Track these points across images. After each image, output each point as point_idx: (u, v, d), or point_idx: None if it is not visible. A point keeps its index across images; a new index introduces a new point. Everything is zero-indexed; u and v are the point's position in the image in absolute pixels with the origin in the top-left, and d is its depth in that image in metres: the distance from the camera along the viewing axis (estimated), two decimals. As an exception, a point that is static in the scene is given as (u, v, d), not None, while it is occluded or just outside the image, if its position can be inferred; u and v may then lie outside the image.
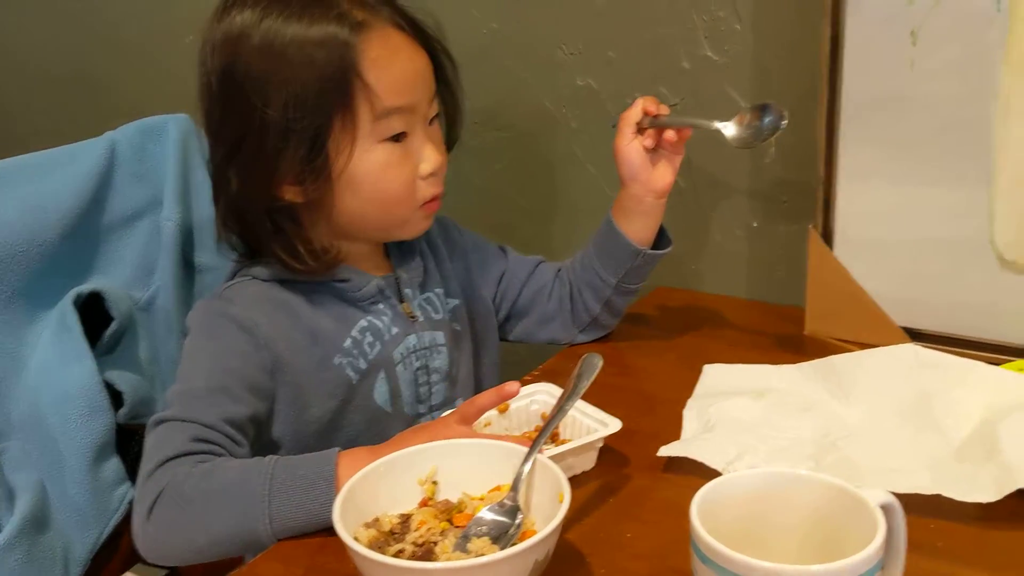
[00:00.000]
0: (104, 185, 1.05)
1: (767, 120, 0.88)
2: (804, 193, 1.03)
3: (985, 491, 0.69)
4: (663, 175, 0.94)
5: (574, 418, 0.81)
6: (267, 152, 0.83)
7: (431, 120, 0.90)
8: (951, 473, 0.73)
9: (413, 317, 0.93)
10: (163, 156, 1.10)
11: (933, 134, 0.90)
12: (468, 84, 0.94)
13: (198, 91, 0.88)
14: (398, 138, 0.86)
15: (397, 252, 0.95)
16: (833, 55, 0.93)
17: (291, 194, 0.86)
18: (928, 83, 0.89)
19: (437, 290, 0.97)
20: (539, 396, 0.86)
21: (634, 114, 0.93)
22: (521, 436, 0.83)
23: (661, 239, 0.99)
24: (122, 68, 1.65)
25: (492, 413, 0.83)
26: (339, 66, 0.82)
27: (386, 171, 0.86)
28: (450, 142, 0.95)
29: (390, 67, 0.84)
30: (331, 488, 0.73)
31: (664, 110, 0.94)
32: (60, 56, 1.73)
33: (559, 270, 1.03)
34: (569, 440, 0.79)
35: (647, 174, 0.94)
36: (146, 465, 0.77)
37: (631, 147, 0.93)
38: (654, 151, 0.94)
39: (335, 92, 0.82)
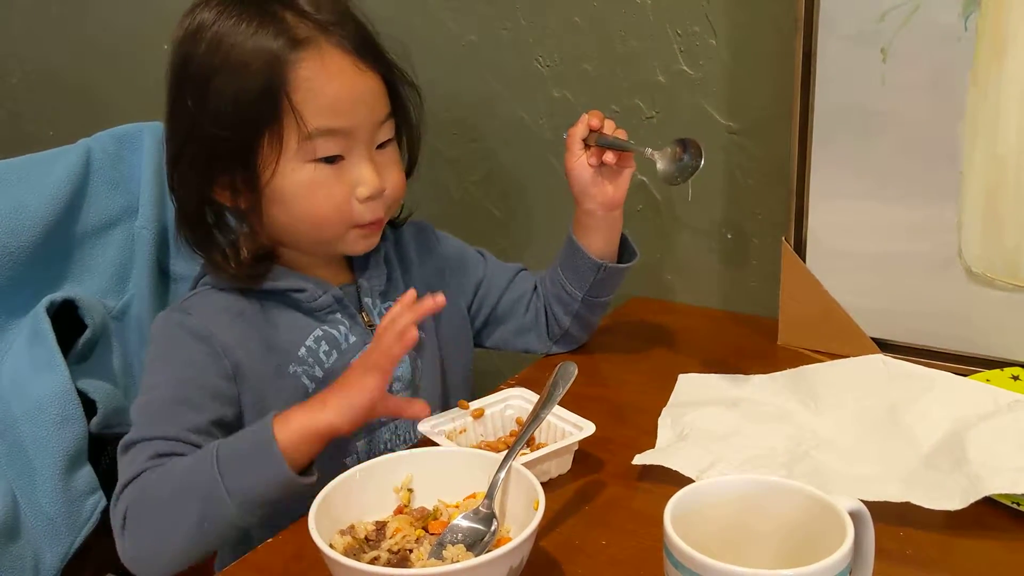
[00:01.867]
0: (79, 192, 1.05)
1: (687, 158, 0.88)
2: (777, 205, 1.04)
3: (952, 499, 0.70)
4: (613, 190, 0.95)
5: (549, 422, 0.82)
6: (201, 157, 0.85)
7: (383, 144, 0.88)
8: (919, 481, 0.74)
9: (372, 326, 0.92)
10: (138, 164, 1.10)
11: (903, 149, 0.92)
12: (445, 95, 0.94)
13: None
14: (332, 160, 0.84)
15: (360, 260, 0.94)
16: (806, 70, 0.94)
17: (224, 198, 0.87)
18: (898, 99, 0.91)
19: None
20: (514, 401, 0.86)
21: (580, 131, 0.94)
22: (497, 441, 0.83)
23: (627, 251, 1.00)
24: (98, 75, 1.64)
25: (467, 419, 0.83)
26: (269, 82, 0.81)
27: (313, 190, 0.84)
28: (409, 167, 0.94)
29: (323, 89, 0.83)
30: (273, 448, 0.74)
31: (610, 125, 0.94)
32: (39, 61, 1.72)
33: (536, 281, 1.04)
34: (545, 444, 0.79)
35: (596, 189, 0.95)
36: (117, 491, 0.78)
37: (579, 164, 0.94)
38: (602, 166, 0.94)
39: (263, 108, 0.82)
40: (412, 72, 0.92)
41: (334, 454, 0.89)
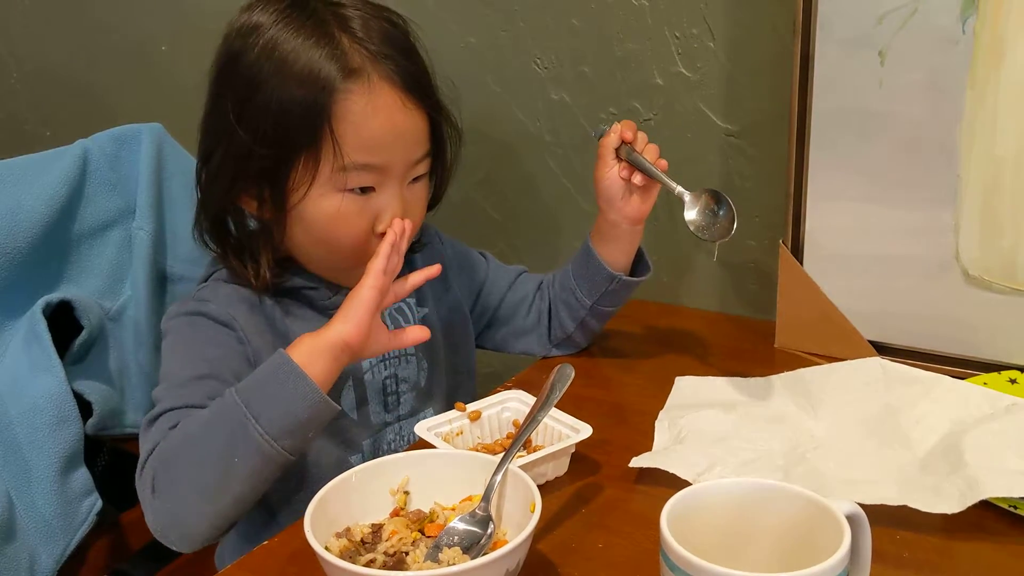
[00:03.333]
0: (76, 193, 1.05)
1: (721, 213, 0.86)
2: (775, 209, 1.04)
3: (950, 502, 0.70)
4: (639, 204, 0.94)
5: (546, 424, 0.82)
6: (232, 163, 0.84)
7: (416, 178, 0.88)
8: (917, 485, 0.74)
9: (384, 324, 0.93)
10: (136, 165, 1.10)
11: (901, 152, 0.92)
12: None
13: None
14: (364, 191, 0.84)
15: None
16: (803, 72, 0.94)
17: (250, 207, 0.87)
18: (896, 102, 0.91)
19: (408, 300, 0.97)
20: (511, 404, 0.86)
21: (613, 140, 0.92)
22: (494, 444, 0.83)
23: (640, 264, 1.00)
24: (97, 76, 1.64)
25: (464, 421, 0.83)
26: (314, 108, 0.81)
27: (337, 220, 0.84)
28: (433, 201, 0.94)
29: (366, 124, 0.82)
30: (294, 370, 0.75)
31: (642, 139, 0.93)
32: (37, 62, 1.72)
33: (541, 283, 1.04)
34: (542, 447, 0.79)
35: (623, 202, 0.93)
36: (140, 462, 0.78)
37: (610, 174, 0.93)
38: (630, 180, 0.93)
39: (304, 132, 0.81)
40: (458, 115, 0.92)
41: (339, 452, 0.89)
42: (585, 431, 0.79)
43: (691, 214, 0.88)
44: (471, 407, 0.84)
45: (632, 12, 1.12)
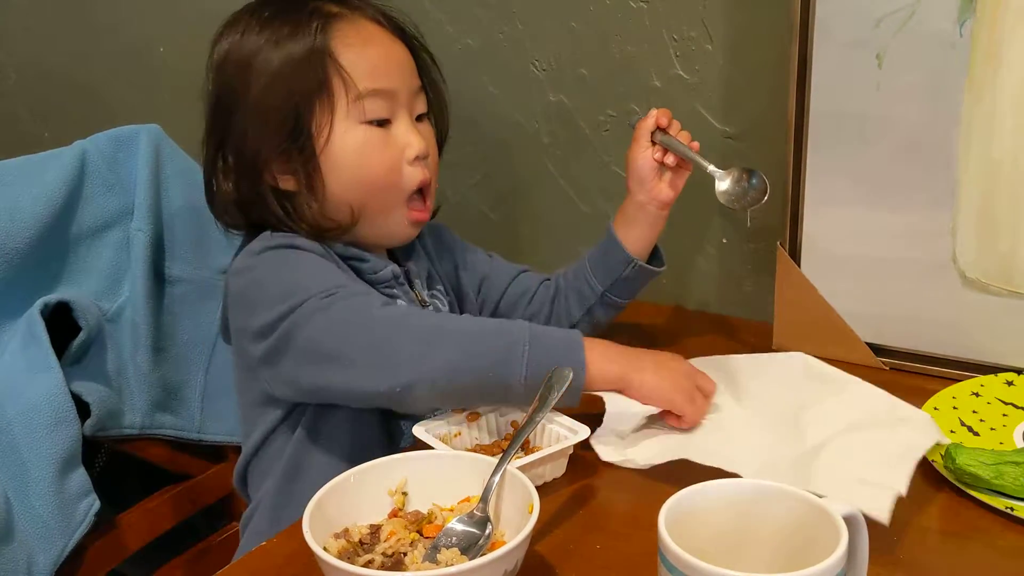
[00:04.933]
0: (74, 194, 1.05)
1: (754, 182, 0.91)
2: (772, 210, 1.04)
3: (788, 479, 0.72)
4: (669, 187, 0.96)
5: (543, 426, 0.82)
6: (251, 135, 0.87)
7: (420, 117, 0.93)
8: (773, 466, 0.76)
9: (425, 304, 0.96)
10: (134, 166, 1.10)
11: (899, 154, 0.92)
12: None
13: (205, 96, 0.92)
14: (381, 124, 0.89)
15: (401, 251, 0.98)
16: (801, 75, 0.94)
17: (285, 182, 0.89)
18: (894, 105, 0.91)
19: (439, 287, 1.00)
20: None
21: (649, 124, 0.95)
22: (492, 445, 0.83)
23: (655, 259, 1.01)
24: (95, 76, 1.64)
25: (462, 423, 0.83)
26: (312, 49, 0.86)
27: (367, 152, 0.88)
28: (440, 137, 0.98)
29: (364, 51, 0.88)
30: (580, 356, 0.79)
31: (676, 126, 0.96)
32: (35, 62, 1.72)
33: (544, 280, 1.05)
34: (540, 448, 0.79)
35: (653, 183, 0.96)
36: (356, 321, 0.79)
37: (643, 156, 0.95)
38: (663, 164, 0.96)
39: (311, 74, 0.86)
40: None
41: (381, 429, 0.90)
42: (583, 432, 0.79)
43: (723, 185, 0.92)
44: (469, 409, 0.84)
45: (630, 14, 1.12)
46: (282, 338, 0.81)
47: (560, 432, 0.81)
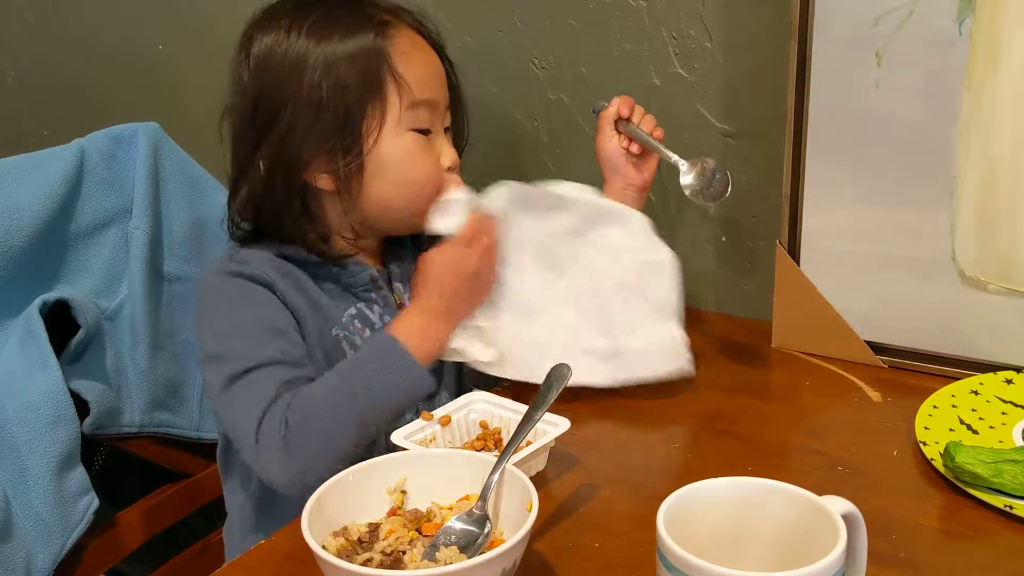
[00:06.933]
0: (73, 193, 1.05)
1: (718, 177, 0.92)
2: (772, 209, 1.04)
3: (599, 379, 0.84)
4: (642, 170, 0.99)
5: (518, 421, 0.82)
6: (299, 131, 0.88)
7: (445, 129, 0.95)
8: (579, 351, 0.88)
9: (402, 306, 0.96)
10: (132, 164, 1.10)
11: (897, 153, 0.92)
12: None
13: (230, 82, 0.92)
14: (423, 132, 0.91)
15: (389, 249, 0.99)
16: (801, 74, 0.94)
17: (323, 181, 0.90)
18: (893, 103, 0.91)
19: None
20: (477, 405, 0.85)
21: (611, 113, 0.99)
22: (464, 446, 0.82)
23: None
24: (94, 74, 1.64)
25: (436, 427, 0.82)
26: (371, 54, 0.88)
27: (414, 157, 0.90)
28: (460, 151, 0.99)
29: (416, 61, 0.90)
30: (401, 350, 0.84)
31: (639, 113, 0.99)
32: (34, 60, 1.72)
33: None
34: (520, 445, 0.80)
35: (627, 169, 0.99)
36: (256, 414, 0.81)
37: (610, 145, 0.98)
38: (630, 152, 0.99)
39: (368, 77, 0.88)
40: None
41: None
42: (563, 425, 0.79)
43: (687, 179, 0.94)
44: (440, 412, 0.83)
45: (630, 13, 1.12)
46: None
47: (539, 427, 0.80)
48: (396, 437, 0.80)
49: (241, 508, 0.96)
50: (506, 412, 0.84)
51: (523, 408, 0.81)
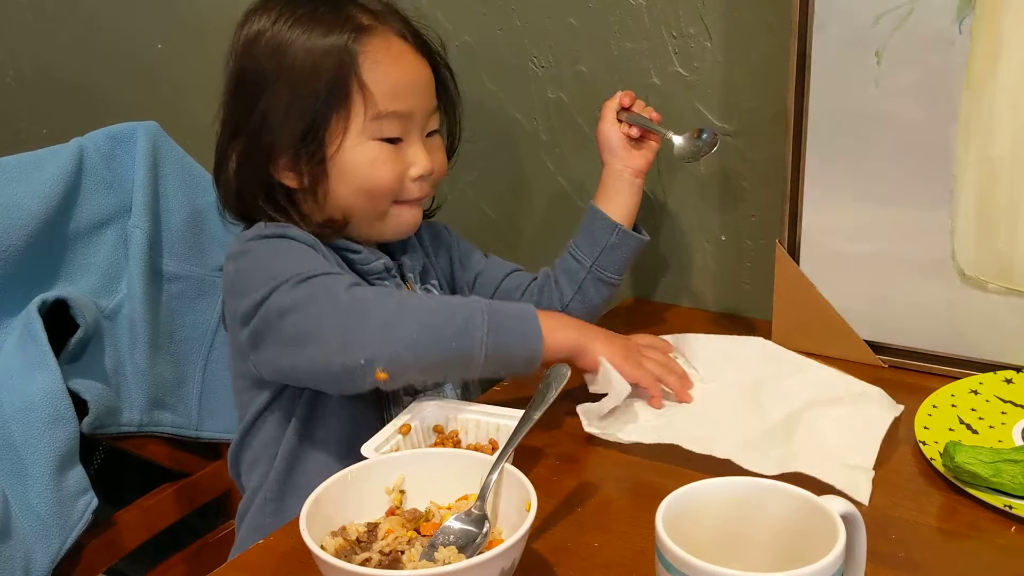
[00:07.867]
0: (72, 191, 1.05)
1: (704, 136, 0.99)
2: (772, 208, 1.04)
3: (767, 466, 0.73)
4: (641, 155, 1.02)
5: (478, 421, 0.82)
6: (270, 124, 0.88)
7: (431, 133, 0.95)
8: (750, 446, 0.78)
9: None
10: (131, 163, 1.10)
11: (897, 151, 0.92)
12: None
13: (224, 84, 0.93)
14: (392, 140, 0.91)
15: (398, 246, 0.99)
16: (800, 73, 0.94)
17: (288, 179, 0.91)
18: (892, 102, 0.91)
19: (433, 282, 1.01)
20: (428, 411, 0.84)
21: (613, 104, 1.02)
22: (437, 438, 0.83)
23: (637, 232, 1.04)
24: (92, 73, 1.64)
25: (398, 437, 0.80)
26: (339, 63, 0.87)
27: (375, 166, 0.90)
28: (449, 153, 1.00)
29: (389, 72, 0.89)
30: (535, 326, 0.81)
31: (639, 105, 1.02)
32: (33, 60, 1.72)
33: (534, 278, 1.06)
34: (474, 445, 0.81)
35: (625, 152, 1.01)
36: (329, 296, 0.81)
37: (612, 129, 1.01)
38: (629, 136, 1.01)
39: (333, 87, 0.87)
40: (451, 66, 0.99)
41: (376, 419, 0.90)
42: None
43: (677, 142, 1.00)
44: (399, 421, 0.82)
45: (629, 11, 1.12)
46: (261, 321, 0.83)
47: (499, 423, 0.81)
48: (367, 451, 0.77)
49: (263, 479, 0.93)
50: (463, 414, 0.83)
51: (483, 405, 0.83)
